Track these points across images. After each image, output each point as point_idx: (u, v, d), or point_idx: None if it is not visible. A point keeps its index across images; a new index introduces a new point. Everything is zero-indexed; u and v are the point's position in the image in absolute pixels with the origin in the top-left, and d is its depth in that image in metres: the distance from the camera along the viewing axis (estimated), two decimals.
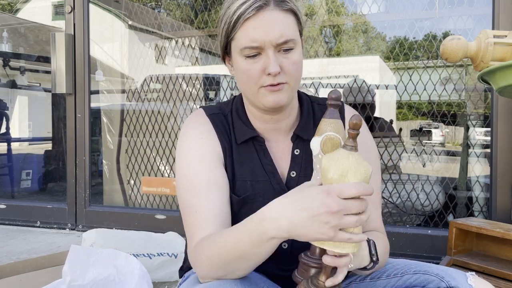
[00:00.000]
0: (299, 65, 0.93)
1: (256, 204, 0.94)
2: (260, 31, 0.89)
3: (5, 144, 4.00)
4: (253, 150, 1.00)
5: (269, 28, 0.89)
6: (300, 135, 1.00)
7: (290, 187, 0.96)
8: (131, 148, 3.18)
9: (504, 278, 1.46)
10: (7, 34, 4.81)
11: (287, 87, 0.93)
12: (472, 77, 2.48)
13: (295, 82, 0.94)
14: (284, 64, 0.91)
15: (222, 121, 1.01)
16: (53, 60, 2.74)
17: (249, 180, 0.97)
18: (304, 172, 0.99)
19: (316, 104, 1.06)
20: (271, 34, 0.89)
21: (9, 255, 2.18)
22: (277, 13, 0.90)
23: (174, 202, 2.93)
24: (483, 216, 2.32)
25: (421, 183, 2.51)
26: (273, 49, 0.90)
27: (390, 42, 3.51)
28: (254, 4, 0.89)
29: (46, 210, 2.83)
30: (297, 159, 1.00)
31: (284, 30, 0.90)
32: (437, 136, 7.89)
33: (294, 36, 0.91)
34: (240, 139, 1.00)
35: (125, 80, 3.83)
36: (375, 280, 1.00)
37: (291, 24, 0.92)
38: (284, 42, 0.90)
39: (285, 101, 0.94)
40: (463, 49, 1.18)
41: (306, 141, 1.00)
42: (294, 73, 0.93)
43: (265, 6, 0.89)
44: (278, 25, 0.89)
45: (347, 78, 3.06)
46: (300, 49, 0.94)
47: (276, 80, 0.91)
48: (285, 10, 0.91)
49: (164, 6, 4.91)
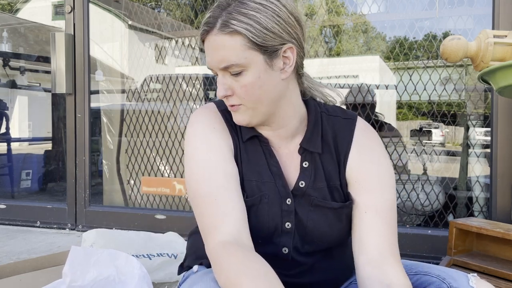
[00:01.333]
0: (250, 88, 0.88)
1: (262, 205, 0.94)
2: (208, 55, 0.89)
3: (5, 144, 4.00)
4: (260, 149, 0.97)
5: (212, 54, 0.88)
6: (306, 148, 0.97)
7: (296, 195, 0.95)
8: (131, 148, 3.18)
9: (504, 278, 1.46)
10: (7, 34, 4.81)
11: (243, 108, 0.91)
12: (472, 77, 2.48)
13: (252, 103, 0.90)
14: (234, 87, 0.89)
15: (230, 118, 0.98)
16: (53, 60, 2.74)
17: (255, 180, 0.95)
18: (313, 184, 0.96)
19: (325, 114, 1.01)
20: (213, 60, 0.88)
21: (9, 255, 2.18)
22: (220, 37, 0.86)
23: (174, 202, 2.93)
24: (483, 216, 2.32)
25: (421, 183, 2.51)
26: (221, 72, 0.89)
27: (390, 42, 3.51)
28: (204, 28, 0.88)
29: (46, 210, 2.83)
30: (307, 171, 0.97)
31: (225, 55, 0.86)
32: (437, 136, 7.88)
33: (238, 60, 0.85)
34: (245, 137, 0.97)
35: (125, 80, 3.83)
36: None
37: (236, 47, 0.85)
38: (226, 67, 0.87)
39: (247, 121, 0.93)
40: (463, 49, 1.18)
41: (314, 154, 0.97)
42: (247, 96, 0.89)
43: (210, 30, 0.87)
44: (219, 51, 0.86)
45: (347, 78, 3.06)
46: (256, 70, 0.87)
47: (228, 102, 0.92)
48: (228, 32, 0.85)
49: (164, 6, 4.91)
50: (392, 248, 0.92)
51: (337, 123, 1.00)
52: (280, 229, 0.94)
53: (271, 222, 0.93)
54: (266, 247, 0.94)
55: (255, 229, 0.92)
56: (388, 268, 0.89)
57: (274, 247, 0.95)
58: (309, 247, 0.96)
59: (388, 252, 0.91)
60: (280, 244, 0.95)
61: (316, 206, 0.95)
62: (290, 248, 0.96)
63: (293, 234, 0.95)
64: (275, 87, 0.90)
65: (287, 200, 0.94)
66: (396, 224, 0.96)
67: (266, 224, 0.93)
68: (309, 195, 0.95)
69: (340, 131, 0.99)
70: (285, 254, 0.96)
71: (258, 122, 0.94)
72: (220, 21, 0.85)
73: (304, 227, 0.95)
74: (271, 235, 0.95)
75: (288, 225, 0.94)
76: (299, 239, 0.96)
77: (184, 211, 2.73)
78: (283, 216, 0.94)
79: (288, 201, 0.94)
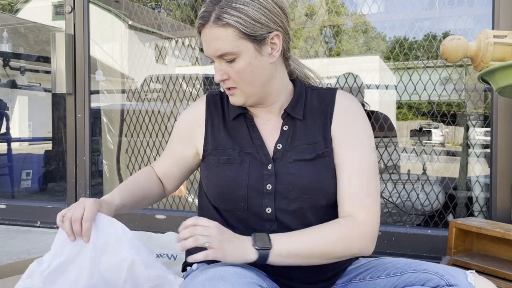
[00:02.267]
0: (243, 72, 1.01)
1: (242, 167, 1.05)
2: (204, 45, 1.03)
3: (5, 144, 4.00)
4: (244, 125, 1.11)
5: (208, 44, 1.01)
6: (290, 113, 1.09)
7: (275, 158, 1.06)
8: (131, 148, 3.18)
9: (504, 278, 1.46)
10: (7, 34, 4.81)
11: (238, 92, 1.05)
12: (472, 77, 2.48)
13: (245, 86, 1.03)
14: (229, 73, 1.02)
15: (217, 102, 1.16)
16: (53, 60, 2.74)
17: (238, 150, 1.08)
18: (289, 145, 1.06)
19: (310, 89, 1.15)
20: (209, 49, 1.02)
21: (9, 255, 2.18)
22: (214, 30, 0.99)
23: (174, 202, 2.93)
24: (483, 216, 2.32)
25: (421, 183, 2.51)
26: (217, 60, 1.02)
27: (390, 42, 3.51)
28: (199, 21, 1.01)
29: (46, 210, 2.83)
30: (285, 134, 1.08)
31: (219, 45, 0.99)
32: (437, 136, 7.89)
33: (231, 48, 0.99)
34: (232, 115, 1.12)
35: (125, 80, 3.83)
36: (375, 279, 1.00)
37: (229, 37, 0.98)
38: (221, 55, 1.00)
39: (241, 102, 1.07)
40: (463, 49, 1.18)
41: (295, 119, 1.09)
42: (240, 80, 1.02)
43: (205, 24, 1.00)
44: (214, 42, 1.00)
45: (347, 77, 3.06)
46: (247, 56, 1.00)
47: (225, 85, 1.06)
48: (221, 25, 0.98)
49: (164, 6, 4.91)
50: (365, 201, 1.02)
51: (320, 94, 1.14)
52: (262, 191, 1.03)
53: (252, 183, 1.03)
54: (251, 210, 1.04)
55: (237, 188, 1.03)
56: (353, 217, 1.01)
57: (258, 208, 1.03)
58: (296, 205, 1.02)
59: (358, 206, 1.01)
60: (263, 205, 1.03)
61: (293, 161, 1.05)
62: (272, 208, 1.03)
63: (273, 195, 1.03)
64: (264, 70, 1.04)
65: (268, 165, 1.05)
66: (375, 180, 1.05)
67: (246, 183, 1.03)
68: (286, 154, 1.06)
69: (324, 99, 1.12)
70: (269, 214, 1.03)
71: (253, 102, 1.07)
72: (213, 15, 0.98)
73: (286, 185, 1.03)
74: (253, 197, 1.03)
75: (269, 187, 1.03)
76: (282, 198, 1.03)
77: (184, 211, 2.73)
78: (264, 180, 1.04)
79: (269, 166, 1.05)
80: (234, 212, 1.05)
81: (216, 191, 1.07)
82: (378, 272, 1.01)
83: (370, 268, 1.04)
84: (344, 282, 1.06)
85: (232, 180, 1.04)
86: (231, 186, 1.04)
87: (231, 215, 1.06)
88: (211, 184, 1.08)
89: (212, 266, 0.89)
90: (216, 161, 1.08)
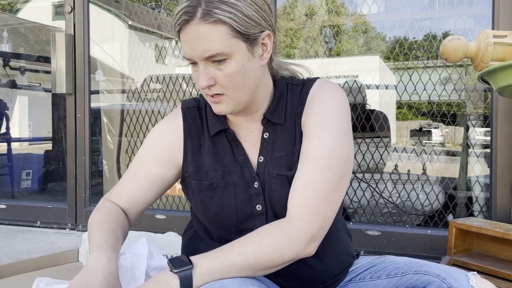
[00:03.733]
0: (234, 76, 0.88)
1: (227, 191, 0.95)
2: (187, 46, 0.88)
3: (5, 144, 4.00)
4: (226, 141, 1.00)
5: (194, 44, 0.87)
6: (269, 118, 0.98)
7: (259, 173, 0.96)
8: (131, 148, 3.18)
9: (504, 278, 1.46)
10: (7, 34, 4.81)
11: (227, 99, 0.92)
12: (472, 77, 2.48)
13: (237, 92, 0.91)
14: (217, 76, 0.89)
15: (195, 115, 1.03)
16: (53, 60, 2.74)
17: (221, 170, 0.97)
18: (270, 155, 0.96)
19: (291, 85, 1.02)
20: (196, 50, 0.87)
21: (9, 255, 2.18)
22: (202, 27, 0.85)
23: (174, 202, 2.93)
24: (483, 216, 2.32)
25: (421, 183, 2.51)
26: (203, 62, 0.88)
27: (390, 42, 3.52)
28: (182, 17, 0.87)
29: (46, 210, 2.83)
30: (266, 143, 0.98)
31: (209, 45, 0.86)
32: (437, 136, 7.89)
33: (223, 49, 0.86)
34: (212, 132, 1.00)
35: (125, 80, 3.83)
36: (375, 279, 0.99)
37: (219, 36, 0.85)
38: (210, 57, 0.87)
39: (230, 111, 0.93)
40: (463, 49, 1.18)
41: (277, 125, 0.98)
42: (231, 85, 0.89)
43: (191, 20, 0.85)
44: (202, 41, 0.86)
45: (347, 78, 3.06)
46: (240, 58, 0.88)
47: (210, 92, 0.91)
48: (212, 22, 0.85)
49: (164, 6, 4.91)
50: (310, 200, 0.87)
51: (300, 90, 1.01)
52: (252, 213, 0.95)
53: (240, 207, 0.95)
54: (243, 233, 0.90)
55: (225, 215, 0.95)
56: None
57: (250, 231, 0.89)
58: None
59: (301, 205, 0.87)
60: (255, 227, 0.91)
61: (276, 176, 0.95)
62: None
63: (265, 216, 0.95)
64: (255, 74, 0.92)
65: (254, 183, 0.95)
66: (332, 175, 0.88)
67: (234, 208, 0.94)
68: (268, 168, 0.95)
69: (302, 95, 0.99)
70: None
71: (240, 109, 0.95)
72: (200, 10, 0.85)
73: (275, 203, 0.94)
74: (243, 221, 0.95)
75: (258, 207, 0.95)
76: (274, 217, 0.94)
77: (184, 211, 2.73)
78: (253, 200, 0.95)
79: (255, 184, 0.95)
80: (226, 235, 0.98)
81: (204, 217, 0.99)
82: (378, 272, 1.00)
83: (370, 267, 1.04)
84: (344, 282, 1.06)
85: (219, 208, 0.95)
86: (219, 213, 0.95)
87: (223, 238, 0.98)
88: (198, 210, 1.00)
89: None
90: (198, 186, 0.98)
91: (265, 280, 0.95)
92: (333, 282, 1.03)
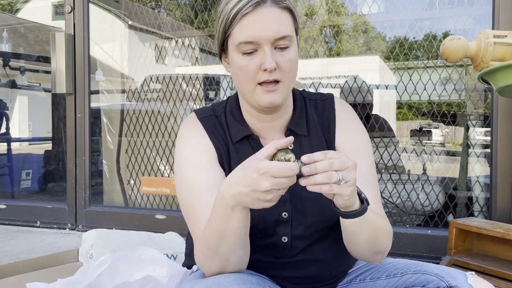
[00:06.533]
0: (294, 63, 0.95)
1: None
2: (257, 27, 0.91)
3: (5, 144, 4.00)
4: (250, 148, 1.01)
5: (267, 25, 0.91)
6: (294, 130, 1.02)
7: None
8: (131, 148, 3.18)
9: (504, 278, 1.46)
10: (7, 34, 4.80)
11: (282, 88, 0.94)
12: (472, 77, 2.48)
13: (289, 80, 0.95)
14: (280, 61, 0.93)
15: (215, 123, 1.04)
16: (53, 60, 2.74)
17: None
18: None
19: (308, 99, 1.08)
20: (268, 31, 0.91)
21: (9, 255, 2.18)
22: (275, 10, 0.91)
23: (174, 202, 2.93)
24: (483, 216, 2.32)
25: (421, 183, 2.51)
26: (270, 45, 0.92)
27: (390, 42, 3.51)
28: (252, 1, 0.90)
29: (46, 210, 2.83)
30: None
31: (281, 27, 0.91)
32: (437, 136, 7.89)
33: (290, 33, 0.93)
34: (235, 138, 1.01)
35: (125, 80, 3.83)
36: (375, 280, 1.00)
37: (288, 21, 0.93)
38: (281, 38, 0.92)
39: (279, 101, 0.96)
40: (463, 49, 1.18)
41: (300, 136, 1.02)
42: (289, 71, 0.94)
43: (263, 3, 0.91)
44: (276, 22, 0.91)
45: (347, 78, 3.06)
46: (296, 47, 0.96)
47: (271, 77, 0.93)
48: (282, 7, 0.92)
49: (164, 6, 4.91)
50: (378, 207, 1.00)
51: (318, 106, 1.07)
52: (277, 220, 0.97)
53: (267, 215, 0.95)
54: (266, 239, 0.96)
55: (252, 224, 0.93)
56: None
57: (274, 238, 0.97)
58: (312, 229, 0.98)
59: (378, 210, 0.99)
60: (279, 233, 0.97)
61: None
62: (289, 237, 0.97)
63: (290, 223, 0.97)
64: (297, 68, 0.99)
65: None
66: (377, 184, 1.03)
67: (262, 217, 0.95)
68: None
69: (324, 111, 1.06)
70: (284, 243, 0.98)
71: (283, 103, 0.98)
72: None
73: (302, 211, 0.97)
74: (269, 227, 0.96)
75: (285, 215, 0.97)
76: (298, 225, 0.97)
77: None
78: (279, 207, 0.95)
79: None
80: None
81: None
82: (378, 273, 1.01)
83: (370, 268, 1.04)
84: (344, 283, 1.06)
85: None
86: None
87: None
88: None
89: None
90: None
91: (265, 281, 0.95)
92: (333, 282, 1.04)
